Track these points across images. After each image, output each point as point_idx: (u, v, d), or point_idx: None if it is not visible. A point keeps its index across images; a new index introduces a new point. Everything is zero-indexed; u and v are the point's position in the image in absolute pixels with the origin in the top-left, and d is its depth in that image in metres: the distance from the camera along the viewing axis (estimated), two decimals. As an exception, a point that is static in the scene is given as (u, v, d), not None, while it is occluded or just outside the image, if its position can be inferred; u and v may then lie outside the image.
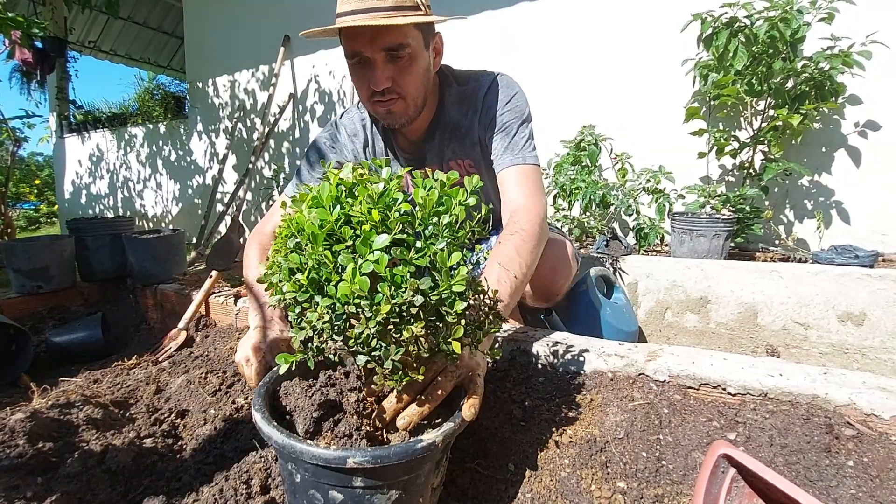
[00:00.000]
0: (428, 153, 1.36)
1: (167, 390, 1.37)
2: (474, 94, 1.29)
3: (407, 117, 1.23)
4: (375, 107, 1.22)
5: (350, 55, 1.15)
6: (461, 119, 1.32)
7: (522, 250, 1.03)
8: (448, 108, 1.32)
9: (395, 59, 1.13)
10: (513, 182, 1.21)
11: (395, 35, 1.09)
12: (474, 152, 1.35)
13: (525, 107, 1.29)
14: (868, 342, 1.68)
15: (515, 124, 1.25)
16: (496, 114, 1.26)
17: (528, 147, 1.25)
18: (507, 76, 1.32)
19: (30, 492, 0.82)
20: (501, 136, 1.26)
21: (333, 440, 0.69)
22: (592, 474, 0.85)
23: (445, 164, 1.38)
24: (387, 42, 1.10)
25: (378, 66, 1.13)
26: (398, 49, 1.11)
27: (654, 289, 2.08)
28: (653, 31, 2.72)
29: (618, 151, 2.72)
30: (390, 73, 1.14)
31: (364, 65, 1.15)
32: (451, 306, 0.58)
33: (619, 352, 1.04)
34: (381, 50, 1.11)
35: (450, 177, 0.64)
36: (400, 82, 1.15)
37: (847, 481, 0.75)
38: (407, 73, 1.15)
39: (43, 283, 2.17)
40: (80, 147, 6.26)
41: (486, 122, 1.29)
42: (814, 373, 0.89)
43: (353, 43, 1.12)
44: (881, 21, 2.15)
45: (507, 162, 1.23)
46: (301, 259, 0.57)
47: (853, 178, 2.35)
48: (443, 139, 1.35)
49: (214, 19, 4.70)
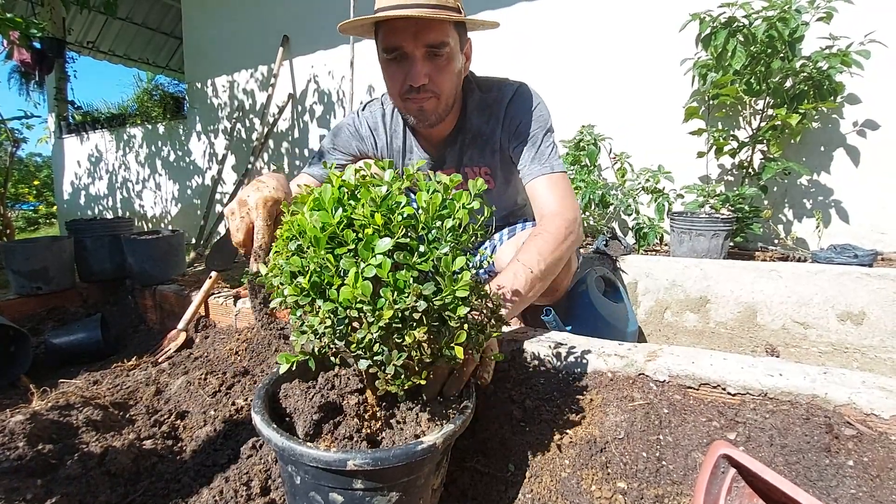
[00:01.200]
0: (447, 157, 1.37)
1: (167, 391, 1.37)
2: (497, 102, 1.30)
3: (437, 116, 1.23)
4: (408, 103, 1.22)
5: (389, 49, 1.15)
6: (482, 126, 1.33)
7: (544, 250, 1.08)
8: (470, 115, 1.32)
9: (434, 57, 1.14)
10: (543, 190, 1.23)
11: (439, 32, 1.11)
12: (493, 160, 1.37)
13: (548, 117, 1.30)
14: (867, 341, 1.68)
15: (540, 134, 1.27)
16: (520, 124, 1.28)
17: (554, 156, 1.27)
18: (529, 87, 1.33)
19: (30, 494, 0.82)
20: (528, 146, 1.27)
21: (333, 442, 0.69)
22: (593, 475, 0.85)
23: (462, 169, 1.39)
24: (430, 38, 1.11)
25: (418, 62, 1.13)
26: (439, 47, 1.12)
27: (653, 288, 2.08)
28: (651, 30, 2.72)
29: (617, 151, 2.72)
30: (428, 70, 1.14)
31: (401, 60, 1.16)
32: (453, 311, 0.58)
33: (618, 352, 1.04)
34: (424, 46, 1.11)
35: (453, 179, 0.64)
36: (437, 80, 1.16)
37: (847, 481, 0.75)
38: (444, 72, 1.16)
39: (42, 284, 2.16)
40: (79, 148, 6.26)
41: (509, 132, 1.30)
42: (813, 372, 0.89)
43: (395, 37, 1.12)
44: (880, 20, 2.15)
45: (536, 172, 1.25)
46: (303, 262, 0.57)
47: (852, 178, 2.36)
48: (463, 145, 1.36)
49: (213, 19, 4.70)
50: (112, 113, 6.24)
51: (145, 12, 6.93)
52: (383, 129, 1.41)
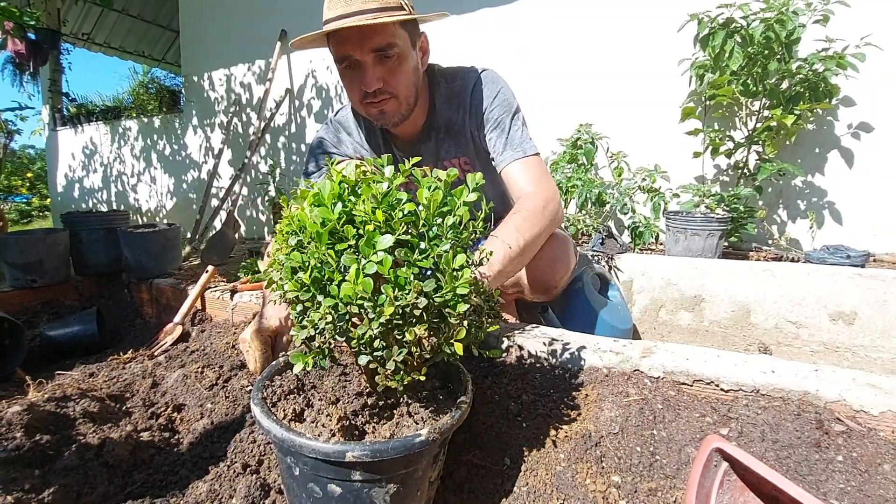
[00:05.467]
0: (423, 152, 1.38)
1: (163, 384, 1.37)
2: (462, 91, 1.32)
3: (399, 116, 1.25)
4: (368, 108, 1.23)
5: (340, 59, 1.17)
6: (453, 116, 1.34)
7: (522, 227, 1.09)
8: (440, 108, 1.33)
9: (384, 60, 1.15)
10: (518, 174, 1.24)
11: (383, 35, 1.11)
12: (469, 149, 1.37)
13: (512, 99, 1.31)
14: (858, 341, 1.70)
15: (507, 118, 1.28)
16: (485, 111, 1.29)
17: (525, 138, 1.28)
18: (491, 71, 1.33)
19: (27, 484, 0.82)
20: (497, 132, 1.28)
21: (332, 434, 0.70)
22: (587, 468, 0.86)
23: (441, 163, 1.40)
24: (375, 43, 1.12)
25: (368, 68, 1.15)
26: (387, 49, 1.13)
27: (648, 287, 2.09)
28: (650, 30, 2.72)
29: (614, 150, 2.73)
30: (380, 73, 1.16)
31: (354, 68, 1.17)
32: (454, 308, 0.59)
33: (614, 348, 1.05)
34: (371, 51, 1.13)
35: (450, 174, 0.65)
36: (391, 82, 1.17)
37: (836, 475, 0.76)
38: (397, 73, 1.17)
39: (37, 277, 2.16)
40: (74, 140, 6.20)
41: (476, 119, 1.31)
42: (805, 370, 0.91)
43: (342, 47, 1.14)
44: (875, 23, 2.17)
45: (510, 157, 1.26)
46: (303, 257, 0.58)
47: (846, 179, 2.38)
48: (438, 139, 1.37)
49: (210, 13, 4.66)
50: (107, 106, 6.18)
51: (141, 5, 6.87)
52: (356, 130, 1.43)
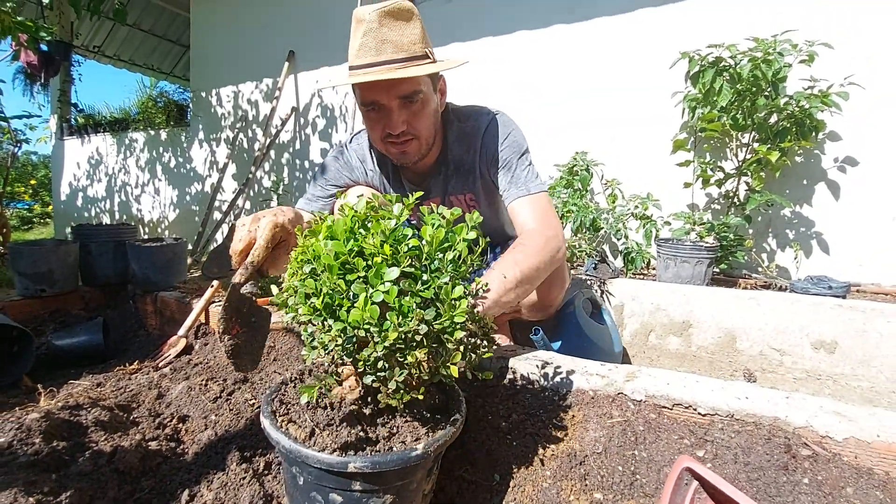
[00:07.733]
0: (432, 187, 1.45)
1: (168, 396, 1.42)
2: (474, 132, 1.39)
3: (419, 155, 1.32)
4: (389, 147, 1.30)
5: (366, 104, 1.24)
6: (463, 156, 1.41)
7: (521, 261, 1.15)
8: (451, 145, 1.41)
9: (408, 105, 1.22)
10: (522, 210, 1.31)
11: (410, 84, 1.19)
12: (475, 187, 1.45)
13: (522, 142, 1.38)
14: (839, 369, 1.76)
15: (515, 159, 1.35)
16: (496, 152, 1.36)
17: (531, 177, 1.35)
18: (503, 115, 1.41)
19: (46, 487, 0.88)
20: (504, 171, 1.35)
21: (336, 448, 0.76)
22: (572, 486, 0.91)
23: (447, 198, 1.47)
24: (402, 91, 1.19)
25: (394, 112, 1.21)
26: (412, 96, 1.20)
27: (638, 311, 2.16)
28: (645, 64, 2.84)
29: (609, 177, 2.83)
30: (405, 116, 1.23)
31: (378, 110, 1.24)
32: (451, 334, 0.66)
33: (600, 372, 1.11)
34: (397, 98, 1.20)
35: (453, 213, 0.72)
36: (414, 124, 1.25)
37: (802, 497, 0.82)
38: (421, 117, 1.25)
39: (46, 286, 2.21)
40: (80, 149, 6.30)
41: (487, 159, 1.38)
42: (776, 397, 0.97)
43: (370, 93, 1.21)
44: (858, 65, 2.28)
45: (514, 195, 1.33)
46: (316, 284, 0.65)
47: (833, 211, 2.47)
48: (447, 175, 1.44)
49: (221, 31, 4.80)
50: (114, 117, 6.29)
51: (153, 20, 7.04)
52: (371, 160, 1.49)
